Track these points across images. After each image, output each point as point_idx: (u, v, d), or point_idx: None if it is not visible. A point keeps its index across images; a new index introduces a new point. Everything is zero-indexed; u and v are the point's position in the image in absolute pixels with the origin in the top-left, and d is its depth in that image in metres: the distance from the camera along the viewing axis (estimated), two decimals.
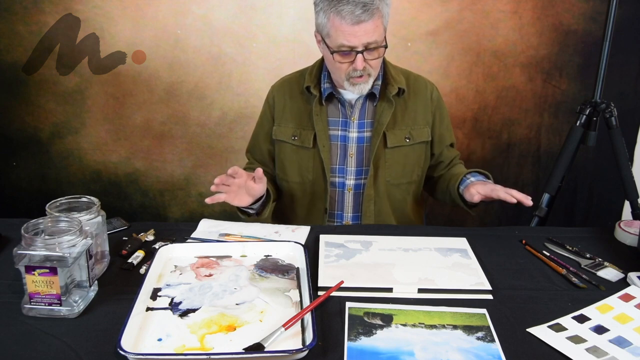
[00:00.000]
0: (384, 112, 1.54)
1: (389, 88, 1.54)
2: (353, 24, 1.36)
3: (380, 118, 1.54)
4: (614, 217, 2.54)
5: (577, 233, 1.42)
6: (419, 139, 1.59)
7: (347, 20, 1.36)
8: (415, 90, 1.59)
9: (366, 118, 1.57)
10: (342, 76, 1.47)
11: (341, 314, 1.03)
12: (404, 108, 1.57)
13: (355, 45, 1.40)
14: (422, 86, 1.61)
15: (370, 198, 1.58)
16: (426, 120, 1.60)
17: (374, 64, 1.45)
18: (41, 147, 2.54)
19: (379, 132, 1.53)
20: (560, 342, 0.96)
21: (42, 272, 0.98)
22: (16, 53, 2.41)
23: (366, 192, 1.57)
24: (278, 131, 1.63)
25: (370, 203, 1.58)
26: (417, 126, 1.59)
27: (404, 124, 1.57)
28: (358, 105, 1.56)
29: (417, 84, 1.61)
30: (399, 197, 1.61)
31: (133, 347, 0.91)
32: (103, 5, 2.34)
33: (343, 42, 1.39)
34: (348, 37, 1.38)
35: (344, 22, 1.36)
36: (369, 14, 1.35)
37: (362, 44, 1.39)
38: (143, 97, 2.46)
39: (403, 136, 1.57)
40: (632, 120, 2.43)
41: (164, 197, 2.62)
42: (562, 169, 2.01)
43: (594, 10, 2.31)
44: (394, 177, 1.59)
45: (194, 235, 1.36)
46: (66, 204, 1.17)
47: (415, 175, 1.63)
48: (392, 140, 1.56)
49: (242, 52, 2.40)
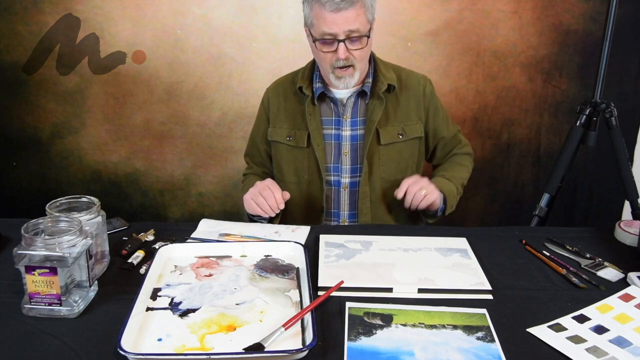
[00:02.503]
0: (375, 109, 1.55)
1: (378, 85, 1.54)
2: (333, 11, 1.38)
3: (372, 115, 1.55)
4: (614, 217, 2.54)
5: (577, 233, 1.42)
6: (412, 134, 1.60)
7: (327, 7, 1.38)
8: (407, 86, 1.60)
9: (358, 116, 1.58)
10: (327, 68, 1.47)
11: (341, 314, 1.03)
12: (396, 104, 1.58)
13: (336, 33, 1.40)
14: (415, 82, 1.61)
15: (365, 195, 1.58)
16: (419, 115, 1.60)
17: (358, 55, 1.45)
18: (41, 147, 2.54)
19: (371, 129, 1.54)
20: (560, 342, 0.96)
21: (42, 272, 0.98)
22: (16, 53, 2.41)
23: (361, 190, 1.58)
24: (273, 132, 1.64)
25: (366, 200, 1.59)
26: (410, 122, 1.59)
27: (397, 120, 1.58)
28: (350, 104, 1.57)
29: (409, 79, 1.61)
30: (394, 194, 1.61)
31: (133, 347, 0.91)
32: (103, 5, 2.34)
33: (324, 30, 1.41)
34: (329, 25, 1.40)
35: (324, 9, 1.39)
36: (348, 3, 1.37)
37: (343, 32, 1.40)
38: (143, 97, 2.46)
39: (396, 132, 1.58)
40: (632, 120, 2.43)
41: (164, 197, 2.62)
42: (562, 169, 2.01)
43: (594, 10, 2.31)
44: (389, 174, 1.59)
45: (194, 235, 1.36)
46: (66, 204, 1.17)
47: (409, 171, 1.63)
48: (386, 137, 1.56)
49: (242, 52, 2.40)
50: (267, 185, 1.45)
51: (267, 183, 1.46)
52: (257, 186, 1.46)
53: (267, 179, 1.51)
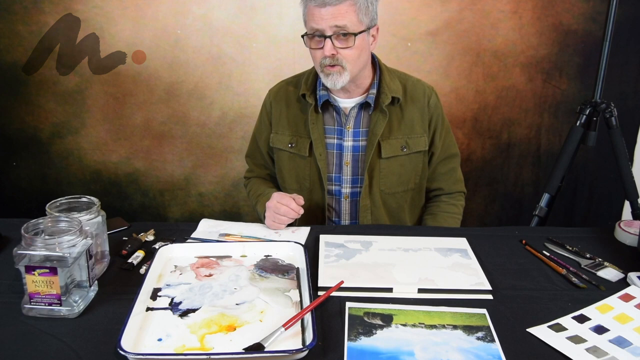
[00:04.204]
0: (378, 122, 1.51)
1: (382, 97, 1.51)
2: (319, 6, 1.38)
3: (374, 128, 1.51)
4: (614, 217, 2.55)
5: (577, 233, 1.42)
6: (416, 148, 1.56)
7: (313, 1, 1.38)
8: (412, 97, 1.56)
9: (361, 127, 1.55)
10: (318, 67, 1.46)
11: (341, 314, 1.03)
12: (400, 117, 1.55)
13: (323, 29, 1.39)
14: (420, 92, 1.57)
15: (366, 208, 1.57)
16: (423, 128, 1.56)
17: (346, 55, 1.42)
18: (41, 147, 2.54)
19: (373, 142, 1.51)
20: (560, 342, 0.96)
21: (42, 272, 0.98)
22: (16, 53, 2.41)
23: (362, 202, 1.56)
24: (275, 139, 1.62)
25: (366, 213, 1.57)
26: (415, 135, 1.56)
27: (401, 133, 1.54)
28: (353, 114, 1.54)
29: (415, 90, 1.57)
30: (394, 205, 1.60)
31: (133, 347, 0.91)
32: (103, 5, 2.34)
33: (312, 25, 1.41)
34: (317, 20, 1.39)
35: (311, 3, 1.39)
36: None
37: (329, 27, 1.39)
38: (143, 97, 2.47)
39: (399, 146, 1.54)
40: (632, 120, 2.43)
41: (164, 197, 2.62)
42: (562, 169, 2.01)
43: (594, 10, 2.31)
44: (389, 187, 1.57)
45: (194, 235, 1.36)
46: (66, 204, 1.17)
47: (412, 183, 1.60)
48: (387, 151, 1.53)
49: (242, 52, 2.40)
50: (278, 202, 1.41)
51: (275, 200, 1.42)
52: (270, 208, 1.43)
53: (272, 196, 1.45)
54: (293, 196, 1.43)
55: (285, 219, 1.41)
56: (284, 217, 1.41)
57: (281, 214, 1.40)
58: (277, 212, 1.41)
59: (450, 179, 1.66)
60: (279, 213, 1.40)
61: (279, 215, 1.41)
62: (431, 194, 1.69)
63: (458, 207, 1.66)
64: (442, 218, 1.61)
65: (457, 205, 1.66)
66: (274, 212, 1.41)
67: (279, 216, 1.41)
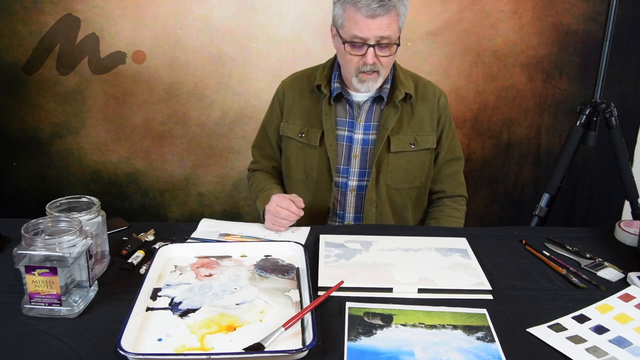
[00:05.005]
0: (390, 117, 1.53)
1: (396, 92, 1.53)
2: (368, 17, 1.37)
3: (386, 122, 1.53)
4: (614, 217, 2.55)
5: (577, 233, 1.42)
6: (424, 145, 1.58)
7: (362, 12, 1.37)
8: (423, 96, 1.59)
9: (372, 121, 1.56)
10: (351, 71, 1.46)
11: (341, 314, 1.03)
12: (411, 113, 1.57)
13: (367, 38, 1.40)
14: (431, 92, 1.60)
15: (372, 202, 1.58)
16: (432, 127, 1.59)
17: (384, 62, 1.45)
18: (41, 147, 2.54)
19: (383, 136, 1.53)
20: (560, 342, 0.96)
21: (42, 272, 0.98)
22: (16, 53, 2.41)
23: (368, 196, 1.57)
24: (286, 127, 1.62)
25: (372, 206, 1.58)
26: (423, 133, 1.58)
27: (410, 129, 1.57)
28: (365, 107, 1.56)
29: (426, 90, 1.60)
30: (399, 202, 1.61)
31: (133, 347, 0.91)
32: (103, 5, 2.34)
33: (356, 33, 1.40)
34: (361, 29, 1.39)
35: (359, 13, 1.38)
36: (384, 9, 1.37)
37: (374, 37, 1.40)
38: (143, 97, 2.47)
39: (408, 142, 1.56)
40: (632, 120, 2.43)
41: (164, 197, 2.62)
42: (562, 169, 2.01)
43: (594, 10, 2.31)
44: (395, 182, 1.58)
45: (194, 235, 1.36)
46: (66, 204, 1.17)
47: (417, 181, 1.61)
48: (396, 145, 1.55)
49: (242, 52, 2.40)
50: (278, 205, 1.40)
51: (275, 203, 1.41)
52: (270, 212, 1.42)
53: (272, 199, 1.44)
54: (292, 197, 1.43)
55: (285, 222, 1.41)
56: (285, 220, 1.41)
57: (282, 217, 1.40)
58: (278, 216, 1.40)
59: (454, 182, 1.68)
60: (279, 217, 1.40)
61: (279, 219, 1.41)
62: (433, 197, 1.70)
63: (461, 211, 1.67)
64: (445, 222, 1.62)
65: (460, 209, 1.67)
66: (274, 215, 1.41)
67: (280, 220, 1.41)
